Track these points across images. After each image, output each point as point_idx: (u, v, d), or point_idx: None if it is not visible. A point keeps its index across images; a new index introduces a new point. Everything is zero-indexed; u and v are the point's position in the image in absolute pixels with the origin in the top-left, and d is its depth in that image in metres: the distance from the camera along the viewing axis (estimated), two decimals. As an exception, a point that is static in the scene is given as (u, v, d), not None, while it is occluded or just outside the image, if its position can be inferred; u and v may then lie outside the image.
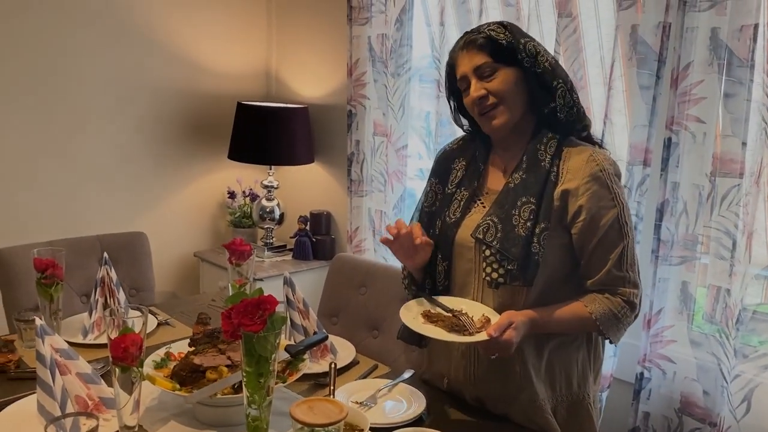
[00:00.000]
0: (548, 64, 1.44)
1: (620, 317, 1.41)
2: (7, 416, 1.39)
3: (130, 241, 2.36)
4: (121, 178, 3.01)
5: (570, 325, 1.44)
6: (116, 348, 1.25)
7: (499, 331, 1.31)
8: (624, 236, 1.40)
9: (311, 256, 3.09)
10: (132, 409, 1.29)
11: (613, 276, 1.40)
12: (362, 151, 2.78)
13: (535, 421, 1.47)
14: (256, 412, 1.23)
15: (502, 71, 1.43)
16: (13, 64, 2.65)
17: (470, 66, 1.44)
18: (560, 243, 1.42)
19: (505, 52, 1.42)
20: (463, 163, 1.58)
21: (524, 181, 1.44)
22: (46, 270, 1.69)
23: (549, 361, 1.48)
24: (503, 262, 1.40)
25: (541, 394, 1.47)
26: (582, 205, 1.39)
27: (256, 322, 1.20)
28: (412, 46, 2.65)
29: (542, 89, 1.44)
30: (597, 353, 1.54)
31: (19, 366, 1.63)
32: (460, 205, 1.53)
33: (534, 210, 1.40)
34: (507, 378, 1.47)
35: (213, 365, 1.43)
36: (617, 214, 1.40)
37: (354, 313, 2.09)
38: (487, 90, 1.43)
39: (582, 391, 1.51)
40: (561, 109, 1.44)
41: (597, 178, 1.39)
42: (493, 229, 1.42)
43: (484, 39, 1.43)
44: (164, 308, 2.13)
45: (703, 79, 1.78)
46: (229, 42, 3.25)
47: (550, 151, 1.44)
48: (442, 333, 1.36)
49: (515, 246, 1.39)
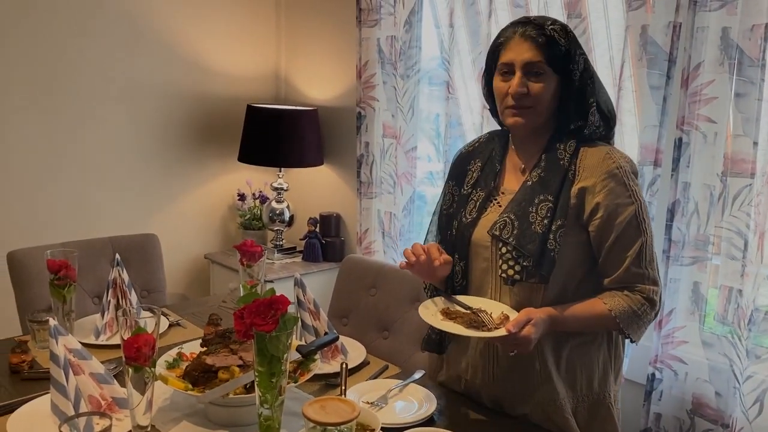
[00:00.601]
0: (591, 81, 1.44)
1: (640, 314, 1.40)
2: (21, 416, 1.40)
3: (141, 243, 2.37)
4: (133, 180, 3.03)
5: (590, 322, 1.43)
6: (129, 348, 1.26)
7: (518, 326, 1.31)
8: (642, 233, 1.40)
9: (321, 257, 3.09)
10: (145, 409, 1.29)
11: (631, 273, 1.40)
12: (372, 153, 2.79)
13: (554, 420, 1.46)
14: (269, 412, 1.23)
15: (548, 76, 1.42)
16: (26, 69, 2.67)
17: (521, 59, 1.42)
18: (577, 241, 1.42)
19: (559, 59, 1.41)
20: (479, 164, 1.58)
21: (542, 180, 1.44)
22: (59, 271, 1.71)
23: (569, 360, 1.47)
24: (519, 258, 1.40)
25: (561, 393, 1.46)
26: (599, 203, 1.39)
27: (269, 322, 1.21)
28: (421, 47, 2.65)
29: (576, 105, 1.44)
30: (618, 352, 1.54)
31: (32, 366, 1.64)
32: (476, 205, 1.53)
33: (551, 208, 1.40)
34: (527, 377, 1.46)
35: (225, 365, 1.44)
36: (635, 211, 1.39)
37: (364, 314, 2.09)
38: (529, 89, 1.42)
39: (603, 390, 1.50)
40: (588, 127, 1.45)
41: (614, 176, 1.40)
42: (509, 226, 1.43)
43: (545, 38, 1.40)
44: (175, 309, 2.14)
45: (714, 78, 1.78)
46: (239, 45, 3.27)
47: (569, 150, 1.44)
48: (461, 329, 1.36)
49: (531, 243, 1.39)
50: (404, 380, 1.61)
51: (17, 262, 2.10)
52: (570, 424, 1.47)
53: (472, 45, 2.44)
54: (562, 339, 1.46)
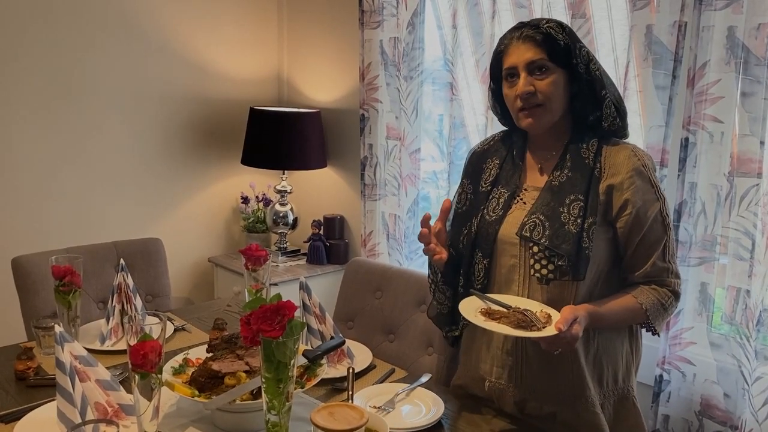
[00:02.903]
0: (599, 72, 1.45)
1: (667, 307, 1.45)
2: (27, 424, 1.39)
3: (145, 247, 2.36)
4: (137, 185, 3.03)
5: (622, 317, 1.45)
6: (135, 355, 1.25)
7: (567, 324, 1.31)
8: (666, 228, 1.44)
9: (325, 260, 3.09)
10: (152, 415, 1.29)
11: (658, 267, 1.43)
12: (375, 154, 2.78)
13: (583, 417, 1.46)
14: (276, 418, 1.23)
15: (553, 71, 1.43)
16: (31, 77, 2.67)
17: (523, 59, 1.43)
18: (605, 237, 1.44)
19: (561, 53, 1.42)
20: (497, 161, 1.58)
21: (570, 179, 1.45)
22: (64, 277, 1.71)
23: (597, 355, 1.48)
24: (553, 258, 1.40)
25: (591, 388, 1.46)
26: (628, 199, 1.41)
27: (275, 328, 1.20)
28: (424, 49, 2.65)
29: (589, 96, 1.44)
30: (637, 346, 1.55)
31: (38, 373, 1.64)
32: (499, 202, 1.53)
33: (582, 207, 1.41)
34: (558, 374, 1.46)
35: (231, 371, 1.43)
36: (660, 207, 1.43)
37: (370, 317, 2.08)
38: (536, 88, 1.43)
39: (626, 385, 1.52)
40: (606, 119, 1.45)
41: (640, 173, 1.42)
42: (540, 227, 1.43)
43: (543, 36, 1.42)
44: (180, 314, 2.14)
45: (720, 78, 1.77)
46: (241, 48, 3.26)
47: (592, 149, 1.46)
48: (508, 329, 1.33)
49: (566, 242, 1.39)
50: (411, 384, 1.60)
51: (22, 268, 2.09)
52: (600, 419, 1.46)
53: (476, 46, 2.43)
54: (591, 334, 1.46)
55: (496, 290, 1.51)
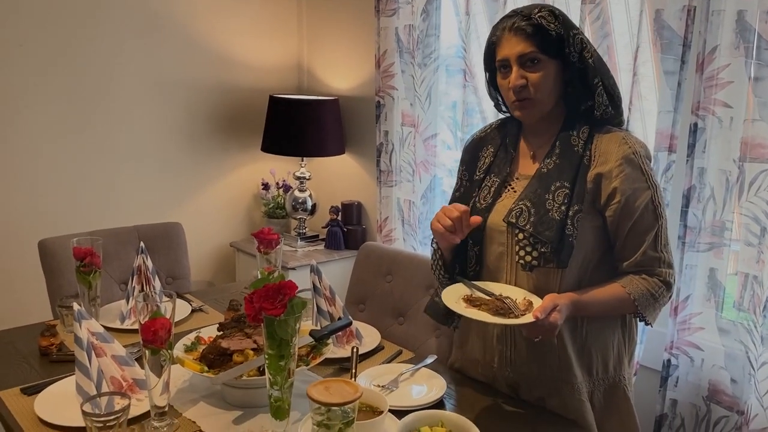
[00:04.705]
0: (592, 60, 1.43)
1: (657, 297, 1.43)
2: (48, 395, 1.48)
3: (166, 231, 2.44)
4: (160, 171, 3.11)
5: (609, 306, 1.44)
6: (146, 331, 1.32)
7: (545, 313, 1.32)
8: (658, 217, 1.42)
9: (343, 245, 3.13)
10: (162, 390, 1.35)
11: (648, 257, 1.42)
12: (391, 141, 2.81)
13: (570, 405, 1.48)
14: (278, 393, 1.28)
15: (545, 63, 1.42)
16: (56, 63, 2.76)
17: (514, 52, 1.42)
18: (593, 225, 1.43)
19: (553, 43, 1.41)
20: (491, 149, 1.59)
21: (558, 166, 1.45)
22: (85, 258, 1.78)
23: (585, 344, 1.49)
24: (536, 245, 1.41)
25: (578, 377, 1.48)
26: (616, 188, 1.40)
27: (277, 307, 1.25)
28: (439, 36, 2.66)
29: (581, 86, 1.44)
30: (631, 335, 1.55)
31: (60, 349, 1.72)
32: (490, 191, 1.54)
33: (568, 194, 1.41)
34: (545, 361, 1.48)
35: (239, 348, 1.49)
36: (651, 195, 1.41)
37: (380, 300, 2.13)
38: (528, 80, 1.43)
39: (618, 374, 1.52)
40: (598, 107, 1.45)
41: (630, 161, 1.40)
42: (525, 214, 1.43)
43: (534, 27, 1.41)
44: (199, 296, 2.21)
45: (730, 62, 1.75)
46: (261, 36, 3.32)
47: (582, 137, 1.45)
48: (487, 316, 1.36)
49: (549, 229, 1.40)
50: (416, 365, 1.64)
51: (48, 250, 2.18)
52: (585, 407, 1.48)
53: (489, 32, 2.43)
54: (579, 323, 1.48)
55: (486, 278, 1.53)
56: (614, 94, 1.47)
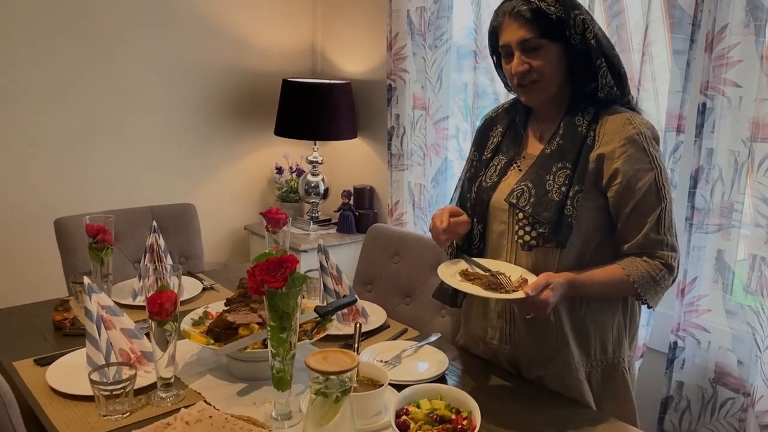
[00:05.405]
0: (594, 41, 1.41)
1: (658, 280, 1.41)
2: (59, 366, 1.52)
3: (179, 212, 2.48)
4: (175, 154, 3.15)
5: (608, 287, 1.43)
6: (152, 304, 1.35)
7: (536, 290, 1.32)
8: (662, 199, 1.39)
9: (354, 229, 3.15)
10: (167, 362, 1.38)
11: (650, 239, 1.40)
12: (402, 125, 2.82)
13: (567, 384, 1.49)
14: (280, 365, 1.30)
15: (547, 47, 1.41)
16: (72, 46, 2.80)
17: (515, 38, 1.42)
18: (594, 206, 1.43)
19: (553, 27, 1.39)
20: (500, 129, 1.60)
21: (560, 147, 1.45)
22: (97, 235, 1.82)
23: (584, 324, 1.49)
24: (535, 225, 1.42)
25: (575, 356, 1.48)
26: (618, 168, 1.39)
27: (278, 280, 1.28)
28: (450, 17, 2.65)
29: (584, 67, 1.43)
30: (633, 318, 1.54)
31: (74, 324, 1.76)
32: (497, 169, 1.55)
33: (569, 175, 1.41)
34: (543, 340, 1.49)
35: (245, 322, 1.52)
36: (654, 177, 1.39)
37: (388, 280, 2.15)
38: (530, 65, 1.42)
39: (617, 356, 1.51)
40: (602, 89, 1.43)
41: (633, 141, 1.39)
42: (526, 194, 1.44)
43: (533, 12, 1.39)
44: (211, 275, 2.25)
45: (740, 41, 1.73)
46: (276, 21, 3.33)
47: (587, 117, 1.44)
48: (479, 290, 1.38)
49: (547, 210, 1.40)
50: (420, 342, 1.66)
51: (63, 229, 2.23)
52: (582, 386, 1.49)
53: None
54: (577, 304, 1.48)
55: (489, 255, 1.55)
56: (620, 74, 1.45)
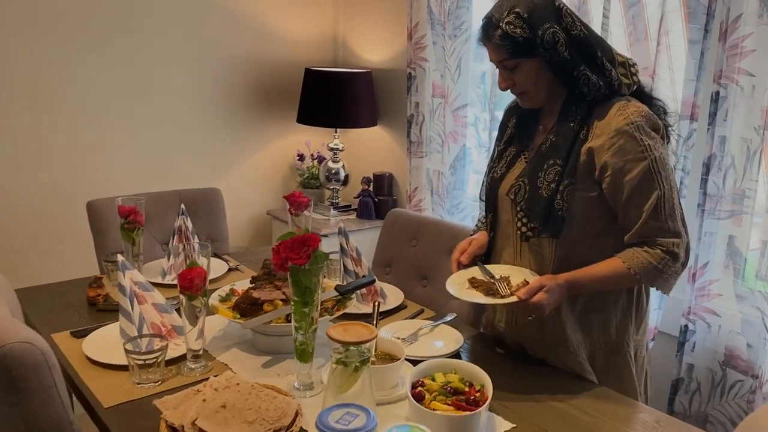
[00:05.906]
0: (568, 53, 1.43)
1: (661, 269, 1.40)
2: (94, 338, 1.61)
3: (205, 196, 2.57)
4: (202, 141, 3.24)
5: (610, 282, 1.47)
6: (183, 279, 1.43)
7: (529, 294, 1.40)
8: (659, 186, 1.39)
9: (374, 215, 3.22)
10: (197, 335, 1.46)
11: (650, 227, 1.41)
12: (421, 112, 2.87)
13: (569, 365, 1.54)
14: (303, 338, 1.38)
15: (524, 64, 1.46)
16: (102, 35, 2.89)
17: (493, 58, 1.51)
18: (588, 196, 1.46)
19: (523, 47, 1.43)
20: (515, 120, 1.65)
21: (553, 144, 1.50)
22: (129, 216, 1.91)
23: (585, 309, 1.54)
24: (530, 218, 1.51)
25: (575, 340, 1.53)
26: (607, 161, 1.42)
27: (302, 257, 1.35)
28: (470, 7, 2.69)
29: (566, 77, 1.47)
30: (640, 303, 1.55)
31: (106, 300, 1.86)
32: (507, 161, 1.62)
33: (559, 171, 1.46)
34: (542, 325, 1.55)
35: (269, 299, 1.59)
36: (648, 165, 1.39)
37: (405, 263, 2.21)
38: (514, 81, 1.50)
39: (621, 339, 1.54)
40: (588, 94, 1.46)
41: (623, 132, 1.40)
42: (522, 190, 1.52)
43: (500, 36, 1.44)
44: (236, 257, 2.33)
45: (753, 31, 1.76)
46: (298, 11, 3.40)
47: (580, 112, 1.48)
48: (480, 297, 1.49)
49: (537, 206, 1.48)
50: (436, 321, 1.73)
51: (96, 211, 2.33)
52: (584, 366, 1.54)
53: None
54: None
55: (499, 243, 1.63)
56: (611, 67, 1.45)
